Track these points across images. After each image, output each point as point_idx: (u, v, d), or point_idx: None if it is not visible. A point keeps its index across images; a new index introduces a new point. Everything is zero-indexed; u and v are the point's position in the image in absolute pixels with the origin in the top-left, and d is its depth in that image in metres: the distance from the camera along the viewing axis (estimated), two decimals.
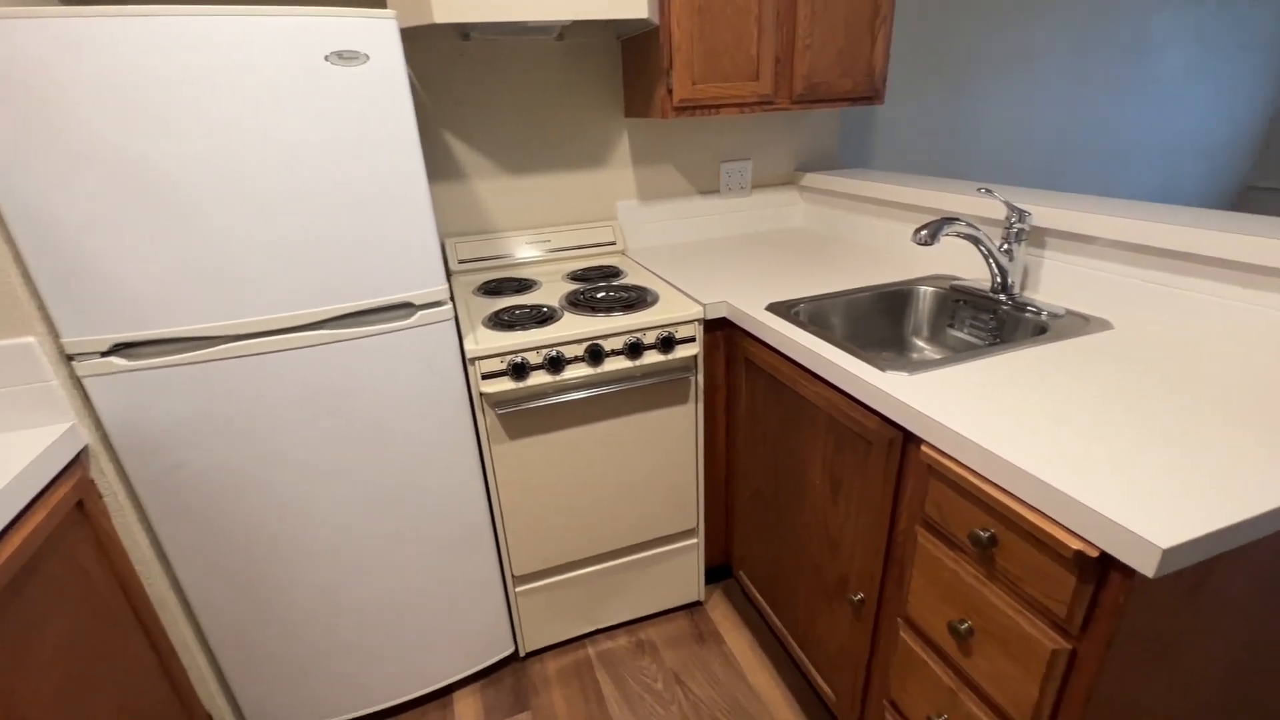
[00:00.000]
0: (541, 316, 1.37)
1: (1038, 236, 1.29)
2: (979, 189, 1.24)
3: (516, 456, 1.37)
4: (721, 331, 1.46)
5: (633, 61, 1.66)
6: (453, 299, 1.61)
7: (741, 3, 1.49)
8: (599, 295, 1.49)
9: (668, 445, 1.50)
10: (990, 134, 2.75)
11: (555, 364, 1.29)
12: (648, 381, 1.38)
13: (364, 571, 1.33)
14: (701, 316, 1.38)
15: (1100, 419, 0.82)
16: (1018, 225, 1.23)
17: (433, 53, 1.59)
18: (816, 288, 1.45)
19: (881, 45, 1.65)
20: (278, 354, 1.10)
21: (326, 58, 0.98)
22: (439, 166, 1.69)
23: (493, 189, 1.76)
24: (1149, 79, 2.95)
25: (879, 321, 1.45)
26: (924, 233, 1.18)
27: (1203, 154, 3.31)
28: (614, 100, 1.79)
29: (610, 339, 1.33)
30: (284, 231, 1.04)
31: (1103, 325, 1.13)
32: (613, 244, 1.85)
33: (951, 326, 1.38)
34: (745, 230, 2.05)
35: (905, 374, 0.98)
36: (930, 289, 1.41)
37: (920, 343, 1.44)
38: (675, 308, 1.39)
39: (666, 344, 1.36)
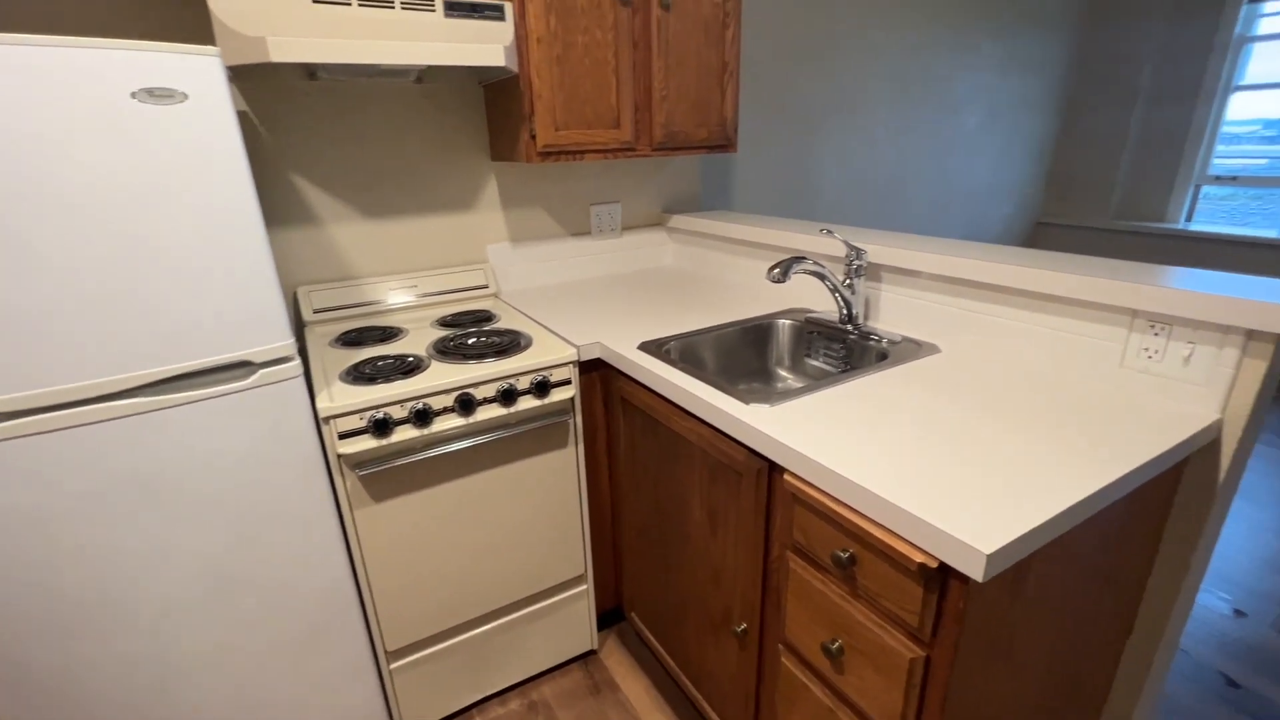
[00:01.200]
0: (407, 367, 1.30)
1: (874, 271, 1.43)
2: (821, 230, 1.36)
3: (383, 520, 1.27)
4: (598, 372, 1.46)
5: (496, 106, 1.66)
6: (304, 353, 1.48)
7: (599, 55, 1.54)
8: (470, 341, 1.44)
9: (550, 491, 1.46)
10: (834, 176, 3.05)
11: (423, 417, 1.22)
12: (524, 428, 1.34)
13: (205, 670, 1.15)
14: (576, 358, 1.38)
15: (933, 437, 0.90)
16: (856, 262, 1.36)
17: (277, 91, 1.49)
18: (687, 325, 1.50)
19: (731, 98, 1.78)
20: (83, 429, 0.95)
21: (135, 95, 0.88)
22: (287, 211, 1.57)
23: (353, 233, 1.66)
24: (957, 133, 3.43)
25: (746, 354, 1.53)
26: (776, 271, 1.27)
27: (1003, 196, 3.88)
28: (479, 143, 1.77)
29: (482, 386, 1.28)
30: (86, 287, 0.90)
31: (932, 350, 1.26)
32: (485, 287, 1.81)
33: (809, 356, 1.48)
34: (618, 270, 2.09)
35: (767, 406, 1.02)
36: (788, 322, 1.51)
37: (783, 372, 1.52)
38: (549, 350, 1.37)
39: (542, 388, 1.33)
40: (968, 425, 0.94)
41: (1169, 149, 3.70)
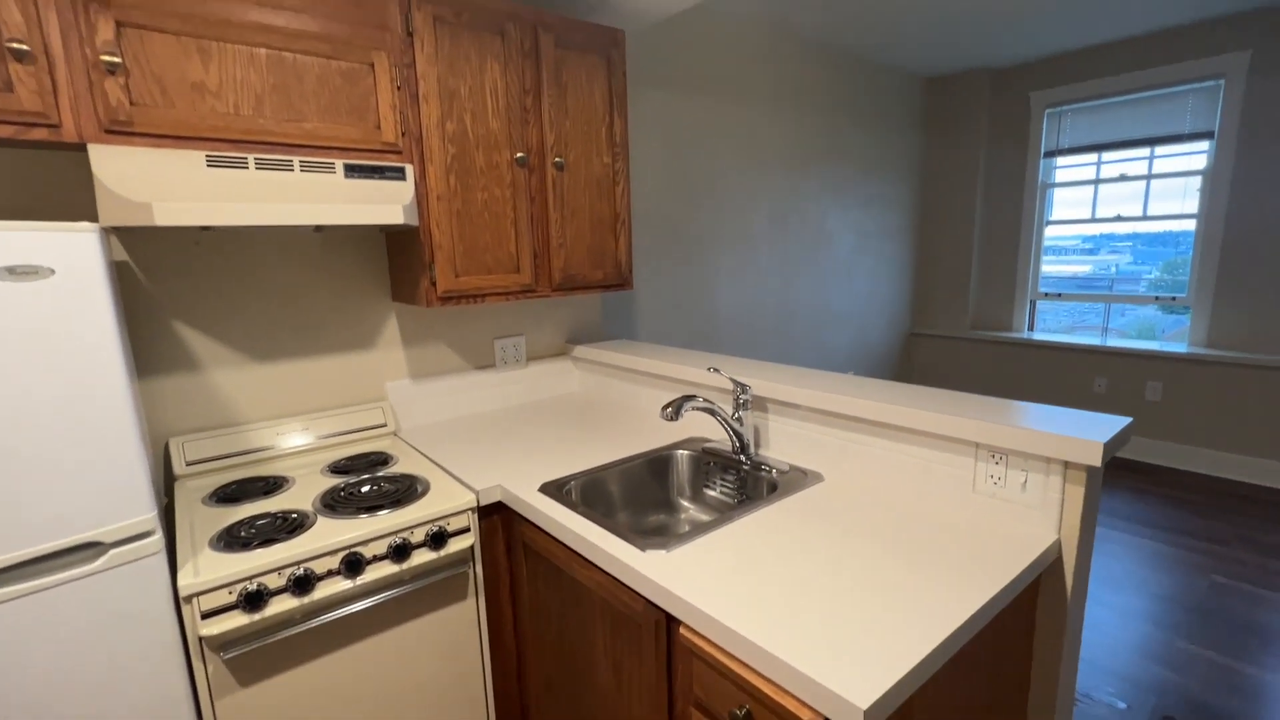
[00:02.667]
0: (290, 525, 1.22)
1: (761, 404, 1.54)
2: (709, 368, 1.46)
3: (252, 709, 1.12)
4: (500, 515, 1.43)
5: (398, 252, 1.72)
6: (170, 516, 1.36)
7: (498, 208, 1.65)
8: (363, 490, 1.38)
9: (449, 649, 1.36)
10: (730, 303, 3.30)
11: (303, 584, 1.13)
12: (420, 583, 1.27)
13: None
14: (476, 504, 1.35)
15: (819, 577, 0.95)
16: (743, 396, 1.46)
17: (165, 241, 1.46)
18: (592, 458, 1.52)
19: (624, 244, 1.93)
20: None
21: None
22: (166, 359, 1.49)
23: (239, 377, 1.59)
24: (832, 259, 3.86)
25: (649, 486, 1.56)
26: (669, 410, 1.34)
27: (878, 313, 4.33)
28: (380, 284, 1.80)
29: (373, 544, 1.22)
30: None
31: (817, 478, 1.35)
32: (383, 426, 1.76)
33: (707, 486, 1.53)
34: (524, 400, 2.11)
35: (663, 551, 1.04)
36: (687, 453, 1.57)
37: (685, 503, 1.56)
38: (448, 497, 1.34)
39: (439, 539, 1.29)
40: (849, 560, 0.99)
41: (1005, 272, 4.32)
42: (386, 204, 1.42)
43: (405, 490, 1.37)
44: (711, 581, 0.95)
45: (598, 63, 1.80)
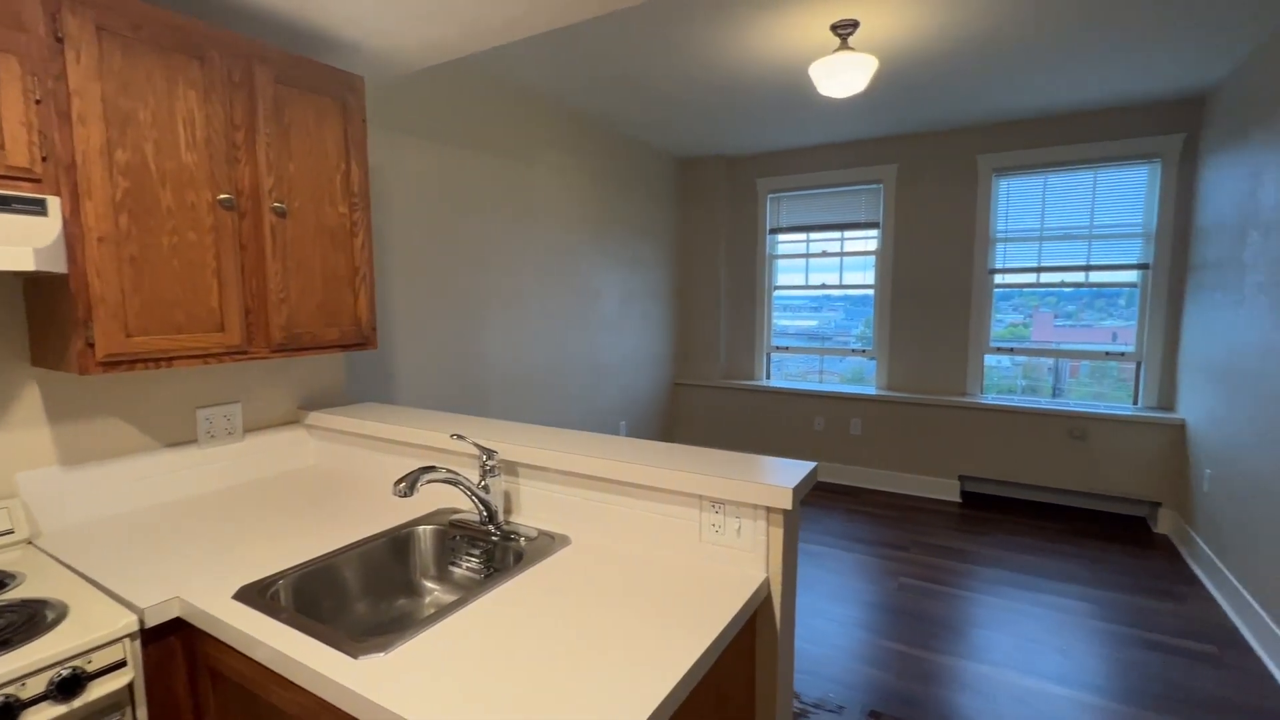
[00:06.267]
0: None
1: (512, 468, 1.49)
2: (451, 435, 1.38)
3: None
4: (179, 636, 1.14)
5: (39, 305, 1.34)
6: None
7: (194, 256, 1.40)
8: None
9: None
10: (501, 360, 3.24)
11: None
12: None
13: None
14: (138, 628, 1.06)
15: (557, 656, 0.92)
16: (489, 463, 1.40)
17: None
18: (320, 545, 1.31)
19: (365, 300, 1.77)
20: None
21: None
22: None
23: None
24: (601, 316, 4.05)
25: (392, 569, 1.40)
26: (402, 486, 1.22)
27: (645, 365, 4.63)
28: (11, 345, 1.38)
29: None
30: None
31: (565, 541, 1.34)
32: (8, 533, 1.32)
33: (453, 563, 1.42)
34: (239, 480, 1.78)
35: (381, 655, 0.92)
36: (431, 528, 1.44)
37: (429, 584, 1.43)
38: (92, 624, 1.03)
39: (70, 687, 0.97)
40: (587, 625, 0.98)
41: (746, 329, 4.97)
42: (13, 245, 1.10)
43: (24, 623, 1.02)
44: (434, 683, 0.85)
45: (331, 106, 1.66)
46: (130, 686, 1.06)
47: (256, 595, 1.11)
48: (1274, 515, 2.35)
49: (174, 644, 1.14)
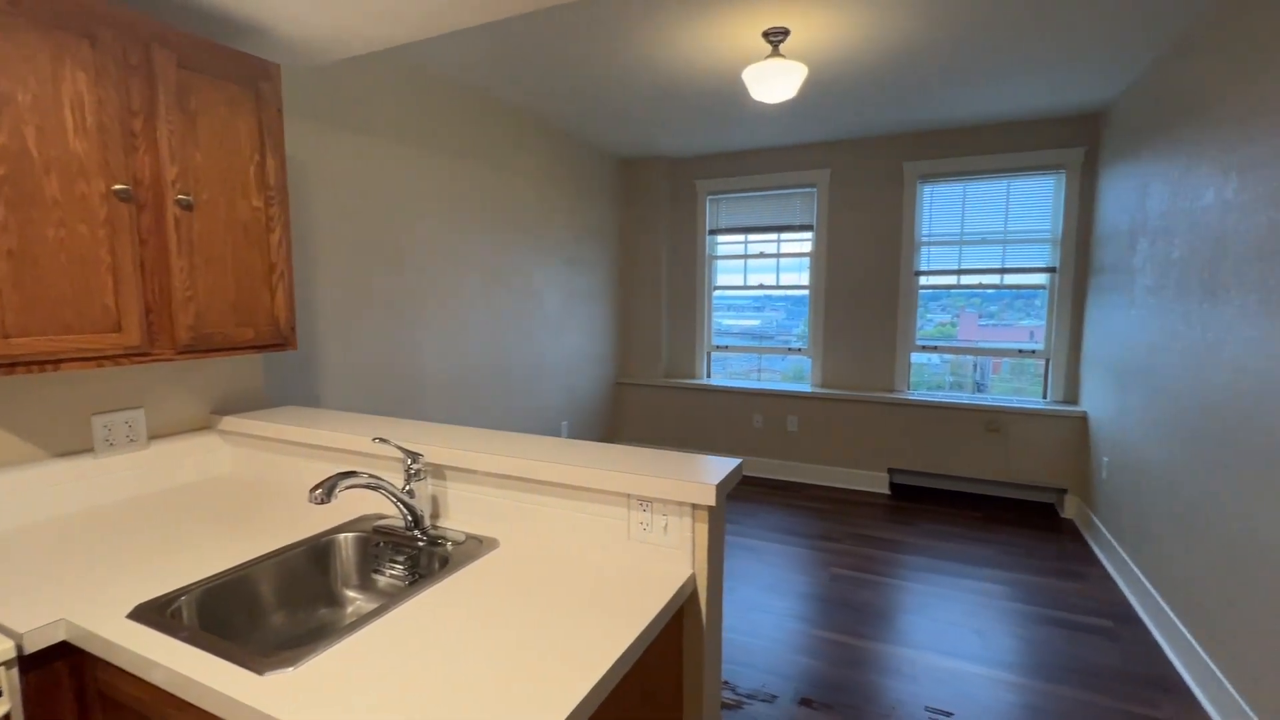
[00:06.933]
0: None
1: (439, 471, 1.46)
2: (374, 438, 1.34)
3: None
4: (66, 662, 1.06)
5: None
6: None
7: (84, 251, 1.29)
8: None
9: None
10: (439, 361, 3.16)
11: None
12: None
13: None
14: (14, 655, 0.97)
15: (473, 654, 0.90)
16: (414, 466, 1.36)
17: None
18: (231, 556, 1.24)
19: (283, 298, 1.69)
20: None
21: None
22: None
23: None
24: (542, 316, 4.01)
25: (312, 579, 1.34)
26: (319, 492, 1.17)
27: (588, 365, 4.62)
28: None
29: None
30: None
31: (493, 544, 1.32)
32: None
33: (377, 571, 1.38)
34: (143, 490, 1.66)
35: (290, 670, 0.88)
36: (353, 535, 1.39)
37: (351, 593, 1.38)
38: None
39: None
40: (511, 626, 0.97)
41: (687, 328, 5.03)
42: None
43: None
44: (345, 696, 0.82)
45: (242, 94, 1.58)
46: (7, 718, 0.97)
47: (154, 614, 1.04)
48: (1161, 499, 2.57)
49: (60, 670, 1.05)
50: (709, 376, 5.06)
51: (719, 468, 1.25)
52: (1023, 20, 2.43)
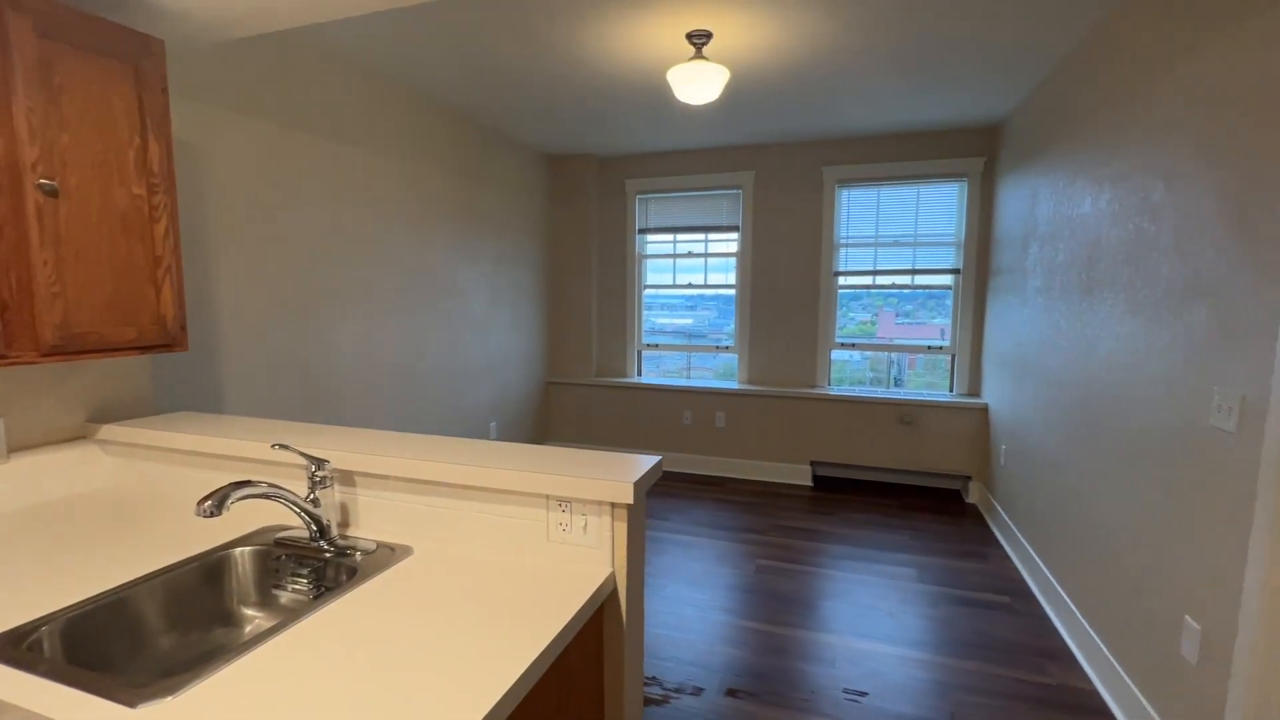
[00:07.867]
0: None
1: (349, 478, 1.39)
2: (273, 445, 1.25)
3: None
4: None
5: None
6: None
7: None
8: None
9: None
10: (353, 361, 3.01)
11: None
12: None
13: None
14: None
15: (377, 668, 0.86)
16: (319, 473, 1.29)
17: None
18: (108, 579, 1.13)
19: (170, 294, 1.56)
20: None
21: None
22: None
23: None
24: (466, 315, 3.90)
25: (202, 599, 1.24)
26: (208, 504, 1.08)
27: (517, 363, 4.53)
28: None
29: None
30: None
31: (406, 552, 1.27)
32: None
33: (278, 586, 1.29)
34: (7, 508, 1.49)
35: (169, 699, 0.81)
36: (250, 549, 1.30)
37: (250, 611, 1.29)
38: None
39: None
40: (420, 636, 0.93)
41: (618, 327, 5.03)
42: None
43: None
44: None
45: (119, 70, 1.44)
46: None
47: (8, 647, 0.93)
48: (1049, 483, 2.80)
49: None
50: (640, 375, 5.09)
51: (638, 466, 1.25)
52: (924, 35, 2.58)
